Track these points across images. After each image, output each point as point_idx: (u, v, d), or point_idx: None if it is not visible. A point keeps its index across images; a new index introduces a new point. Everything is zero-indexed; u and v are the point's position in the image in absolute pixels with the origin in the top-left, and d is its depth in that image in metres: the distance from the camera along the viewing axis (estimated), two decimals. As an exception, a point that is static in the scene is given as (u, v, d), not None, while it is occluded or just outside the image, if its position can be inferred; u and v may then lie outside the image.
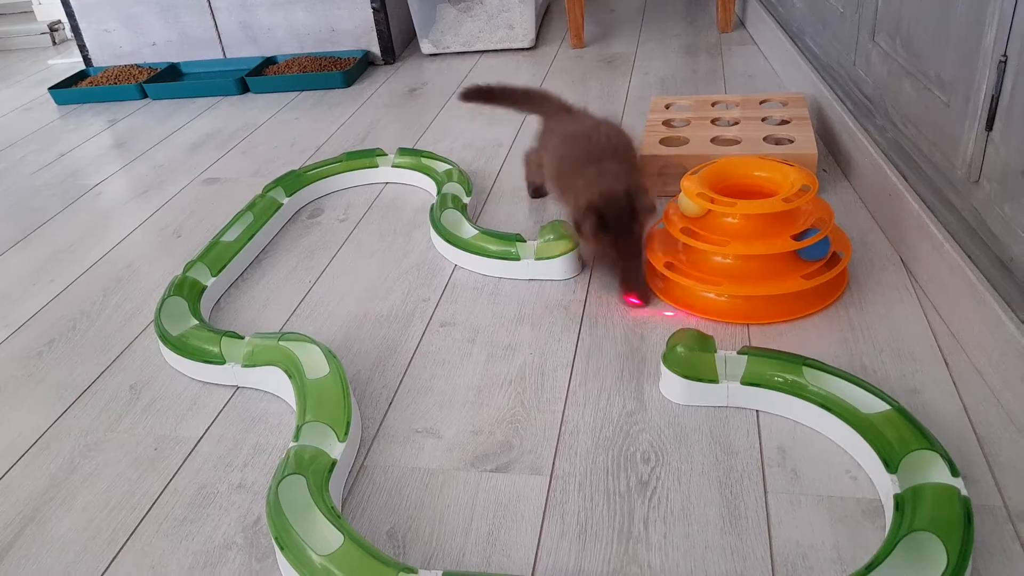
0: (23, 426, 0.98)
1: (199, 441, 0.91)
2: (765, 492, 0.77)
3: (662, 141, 1.32)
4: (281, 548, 0.70)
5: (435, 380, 0.97)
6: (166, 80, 2.18)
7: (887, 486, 0.74)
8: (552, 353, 0.99)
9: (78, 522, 0.83)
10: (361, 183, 1.50)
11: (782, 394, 0.84)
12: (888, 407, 0.79)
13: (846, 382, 0.82)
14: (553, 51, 2.14)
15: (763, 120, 1.36)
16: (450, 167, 1.42)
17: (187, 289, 1.12)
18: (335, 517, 0.72)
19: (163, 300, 1.09)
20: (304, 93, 2.03)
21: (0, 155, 1.88)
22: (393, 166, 1.48)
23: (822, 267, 1.01)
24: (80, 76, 2.28)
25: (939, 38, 1.00)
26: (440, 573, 0.68)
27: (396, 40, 2.20)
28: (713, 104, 1.44)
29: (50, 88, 2.20)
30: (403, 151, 1.49)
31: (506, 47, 2.17)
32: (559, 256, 1.12)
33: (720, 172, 1.07)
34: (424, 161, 1.46)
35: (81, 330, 1.15)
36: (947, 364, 0.90)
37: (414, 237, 1.30)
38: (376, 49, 2.17)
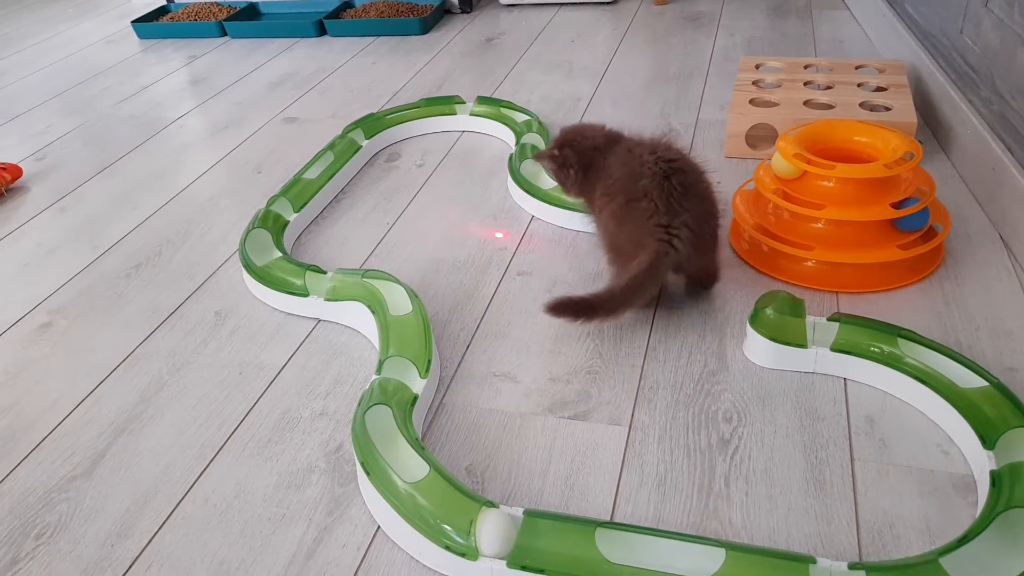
0: (114, 343, 1.01)
1: (282, 368, 0.93)
2: (852, 459, 0.76)
3: (751, 102, 1.28)
4: (367, 473, 0.72)
5: (512, 327, 0.97)
6: (245, 19, 2.19)
7: (983, 462, 0.72)
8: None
9: (167, 436, 0.85)
10: (438, 130, 1.49)
11: (874, 363, 0.82)
12: (986, 383, 0.77)
13: (942, 356, 0.80)
14: (634, 6, 2.09)
15: (859, 86, 1.31)
16: (529, 117, 1.40)
17: (271, 222, 1.13)
18: (420, 448, 0.73)
19: (248, 231, 1.11)
20: (381, 38, 2.03)
21: (85, 84, 1.92)
22: (471, 114, 1.47)
23: (918, 239, 0.98)
24: (161, 11, 2.31)
25: (1067, 4, 0.94)
26: (521, 511, 0.69)
27: (475, -11, 2.17)
28: (805, 67, 1.39)
29: (133, 21, 2.24)
30: (482, 99, 1.48)
31: (586, 0, 2.13)
32: (642, 212, 1.10)
33: (817, 134, 1.04)
34: (503, 111, 1.44)
35: (167, 256, 1.18)
36: (1047, 345, 0.87)
37: (491, 186, 1.29)
38: (454, -3, 2.14)
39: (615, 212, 0.91)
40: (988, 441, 0.72)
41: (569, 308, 0.88)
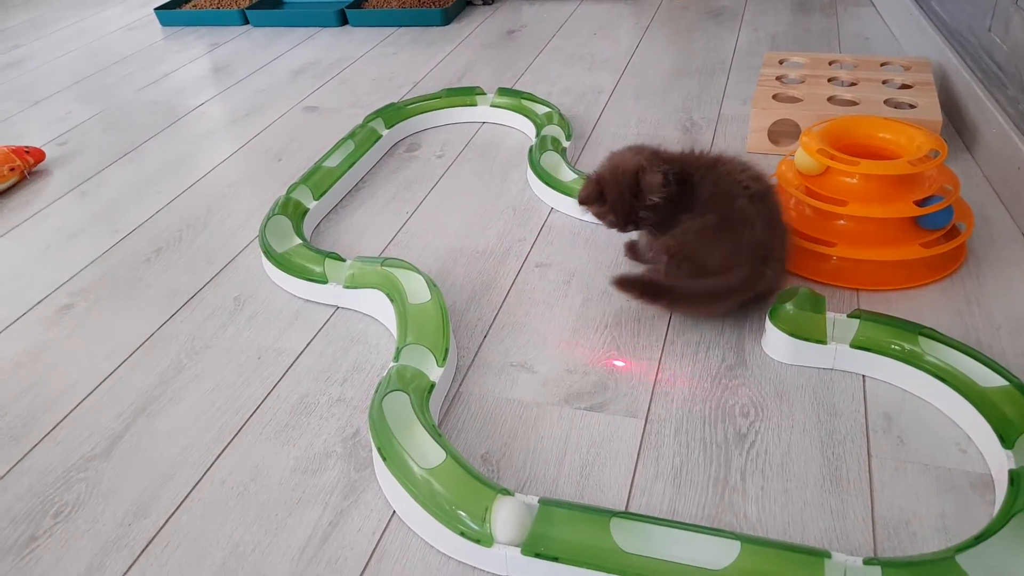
0: (133, 326, 1.02)
1: (300, 354, 0.94)
2: (869, 456, 0.76)
3: (775, 97, 1.27)
4: (384, 459, 0.72)
5: (530, 318, 0.97)
6: (267, 8, 2.20)
7: (1001, 461, 0.71)
8: (650, 301, 0.98)
9: (185, 418, 0.86)
10: (459, 120, 1.49)
11: (894, 361, 0.81)
12: (1007, 383, 0.76)
13: (963, 354, 0.79)
14: (657, 1, 2.08)
15: (883, 83, 1.29)
16: (550, 110, 1.40)
17: (291, 209, 1.14)
18: (436, 435, 0.74)
19: (268, 218, 1.11)
20: (402, 29, 2.03)
21: (108, 70, 1.94)
22: (492, 105, 1.47)
23: (940, 237, 0.97)
24: (184, -1, 2.32)
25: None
26: (536, 499, 0.69)
27: (496, -19, 2.16)
28: (830, 63, 1.38)
29: (156, 8, 2.25)
30: (503, 91, 1.48)
31: (608, -5, 2.12)
32: (661, 205, 1.10)
33: (841, 130, 1.03)
34: (524, 102, 1.44)
35: (187, 241, 1.19)
36: (1071, 347, 0.86)
37: (511, 177, 1.29)
38: (476, -11, 2.14)
39: (702, 228, 0.87)
40: (1007, 440, 0.72)
41: (636, 286, 0.89)
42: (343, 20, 2.09)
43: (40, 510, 0.77)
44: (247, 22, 2.17)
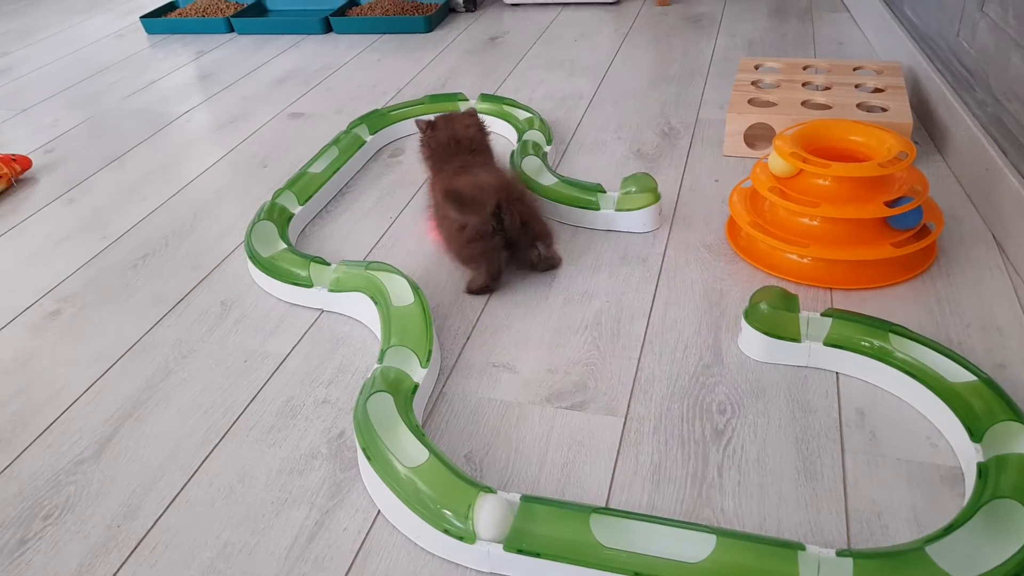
0: (121, 331, 1.03)
1: (286, 357, 0.95)
2: (842, 451, 0.78)
3: (750, 101, 1.30)
4: (368, 459, 0.74)
5: (512, 319, 0.99)
6: (252, 16, 2.21)
7: (970, 455, 0.73)
8: (629, 303, 1.00)
9: (173, 421, 0.87)
10: (442, 126, 1.50)
11: (865, 358, 0.84)
12: (975, 378, 0.78)
13: (932, 351, 0.82)
14: (637, 7, 2.10)
15: (856, 87, 1.32)
16: (531, 115, 1.42)
17: (276, 214, 1.15)
18: (420, 434, 0.75)
19: (254, 223, 1.13)
20: (386, 36, 2.05)
21: (94, 79, 1.95)
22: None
23: (911, 237, 0.99)
24: (169, 7, 2.33)
25: (1060, 8, 0.96)
26: (519, 496, 0.70)
27: (479, -12, 2.19)
28: (804, 68, 1.41)
29: (142, 16, 2.26)
30: (485, 97, 1.50)
31: (589, 0, 2.15)
32: (640, 208, 1.12)
33: (813, 133, 1.05)
34: (505, 108, 1.46)
35: (173, 247, 1.20)
36: (1037, 342, 0.88)
37: (494, 182, 1.30)
38: (459, -4, 2.16)
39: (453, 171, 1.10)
40: (976, 434, 0.74)
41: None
42: (327, 28, 2.10)
43: (30, 513, 0.78)
44: (232, 30, 2.18)
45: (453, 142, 1.14)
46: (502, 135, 1.46)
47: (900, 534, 0.70)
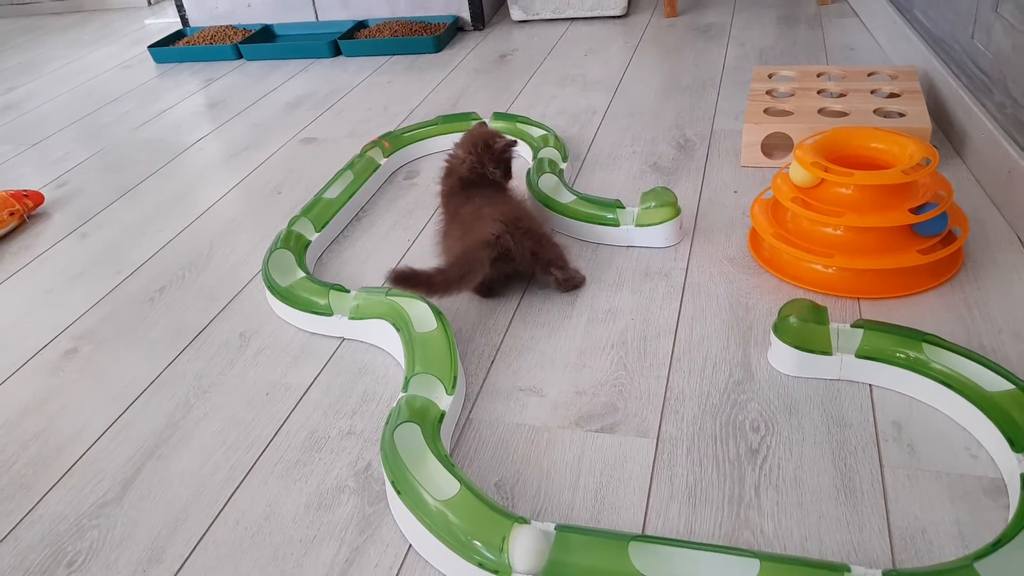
0: (139, 367, 1.02)
1: (309, 388, 0.94)
2: (881, 466, 0.76)
3: (766, 111, 1.29)
4: (398, 492, 0.72)
5: (536, 341, 0.98)
6: (260, 41, 2.22)
7: (1012, 465, 0.71)
8: (654, 319, 0.99)
9: (196, 459, 0.86)
10: (454, 146, 1.50)
11: (900, 369, 0.82)
12: (1013, 386, 0.76)
13: (968, 360, 0.80)
14: (645, 19, 2.10)
15: (872, 92, 1.31)
16: (545, 132, 1.41)
17: (293, 242, 1.14)
18: (450, 465, 0.74)
19: (271, 252, 1.12)
20: (395, 57, 2.05)
21: (104, 110, 1.95)
22: (486, 130, 1.48)
23: (937, 243, 0.98)
24: (177, 36, 2.34)
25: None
26: (553, 526, 0.69)
27: (486, 5, 2.19)
28: (818, 75, 1.40)
29: (150, 46, 2.27)
30: (498, 115, 1.49)
31: (597, 14, 2.14)
32: (660, 223, 1.11)
33: (833, 142, 1.04)
34: (519, 126, 1.45)
35: (190, 279, 1.20)
36: (1074, 347, 0.86)
37: (509, 201, 1.30)
38: (466, 14, 2.16)
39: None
40: (1017, 444, 0.72)
41: (410, 280, 0.95)
42: (336, 51, 2.11)
43: (54, 560, 0.77)
44: (241, 56, 2.19)
45: (477, 177, 1.12)
46: (518, 153, 1.45)
47: (945, 550, 0.68)
